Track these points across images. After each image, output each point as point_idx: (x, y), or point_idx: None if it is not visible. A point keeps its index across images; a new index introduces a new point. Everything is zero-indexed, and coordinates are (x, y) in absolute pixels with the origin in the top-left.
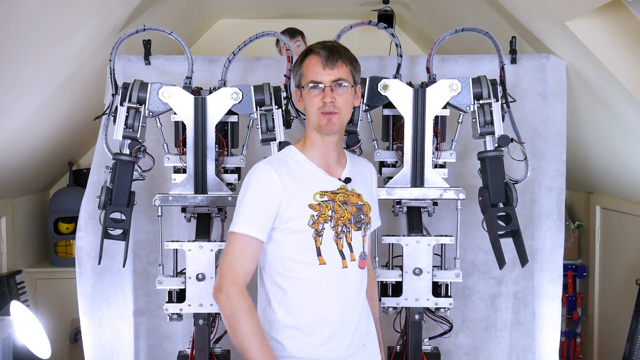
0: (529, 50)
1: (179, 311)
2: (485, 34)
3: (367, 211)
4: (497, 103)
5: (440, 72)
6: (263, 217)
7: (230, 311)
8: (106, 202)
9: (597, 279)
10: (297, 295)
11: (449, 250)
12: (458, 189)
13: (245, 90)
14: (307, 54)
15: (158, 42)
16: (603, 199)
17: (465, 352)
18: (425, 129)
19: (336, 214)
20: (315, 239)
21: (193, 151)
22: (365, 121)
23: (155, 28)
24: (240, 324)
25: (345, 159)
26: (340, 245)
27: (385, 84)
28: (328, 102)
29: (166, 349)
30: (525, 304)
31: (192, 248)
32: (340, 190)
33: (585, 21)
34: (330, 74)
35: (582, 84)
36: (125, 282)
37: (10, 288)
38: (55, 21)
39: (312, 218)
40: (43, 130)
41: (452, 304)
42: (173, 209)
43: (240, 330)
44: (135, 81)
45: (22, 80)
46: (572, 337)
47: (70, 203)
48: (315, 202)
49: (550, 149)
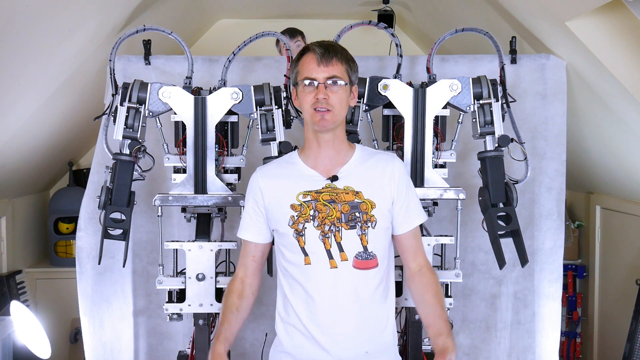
0: (529, 50)
1: (179, 311)
2: (485, 34)
3: (366, 209)
4: (497, 103)
5: (440, 72)
6: (249, 221)
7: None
8: (106, 202)
9: (597, 279)
10: (292, 293)
11: (449, 250)
12: (458, 189)
13: (245, 90)
14: (303, 52)
15: (158, 42)
16: (603, 199)
17: (465, 352)
18: (425, 129)
19: (320, 213)
20: (298, 239)
21: (193, 151)
22: (365, 121)
23: (155, 28)
24: (223, 300)
25: (349, 156)
26: (328, 245)
27: (385, 84)
28: (321, 99)
29: (166, 349)
30: (525, 304)
31: (192, 248)
32: (325, 189)
33: (585, 21)
34: (324, 71)
35: (582, 84)
36: (126, 282)
37: (10, 288)
38: (55, 21)
39: (292, 219)
40: (43, 130)
41: (452, 304)
42: (173, 209)
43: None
44: (135, 81)
45: (22, 80)
46: (572, 337)
47: (70, 203)
48: (297, 202)
49: (550, 149)
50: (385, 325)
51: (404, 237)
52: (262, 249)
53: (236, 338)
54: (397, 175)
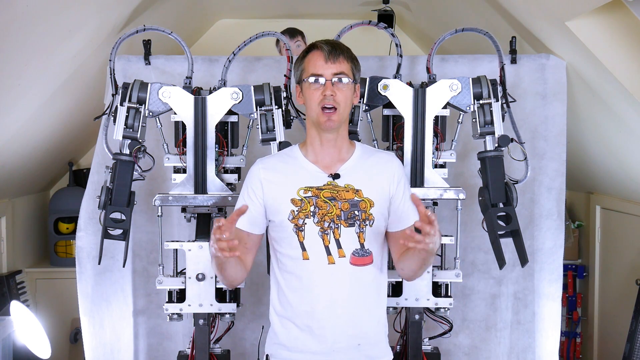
0: (529, 50)
1: (179, 311)
2: (485, 34)
3: (365, 207)
4: (497, 103)
5: (440, 72)
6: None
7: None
8: (106, 202)
9: (597, 279)
10: (288, 287)
11: (449, 250)
12: (458, 189)
13: (245, 90)
14: (309, 49)
15: (158, 42)
16: (603, 199)
17: (465, 352)
18: (425, 129)
19: (320, 209)
20: (297, 233)
21: (193, 151)
22: (365, 121)
23: (155, 28)
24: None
25: (350, 154)
26: (327, 241)
27: (385, 84)
28: (328, 95)
29: (166, 349)
30: (525, 304)
31: (192, 248)
32: (326, 186)
33: (585, 21)
34: (332, 68)
35: (582, 84)
36: (126, 282)
37: (10, 288)
38: (55, 21)
39: (292, 213)
40: (43, 130)
41: (452, 304)
42: (173, 209)
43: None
44: (135, 81)
45: (22, 80)
46: (572, 337)
47: (70, 203)
48: (297, 197)
49: (550, 149)
50: (378, 319)
51: (400, 234)
52: (254, 239)
53: (236, 338)
54: (396, 175)
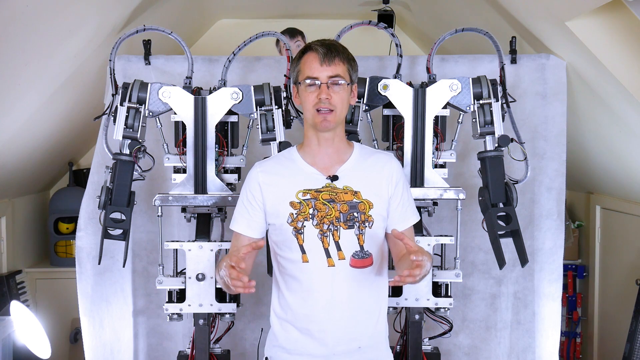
0: (529, 50)
1: (179, 311)
2: (485, 34)
3: (364, 209)
4: (497, 103)
5: (440, 72)
6: (244, 214)
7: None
8: (106, 202)
9: (597, 279)
10: (288, 290)
11: (449, 250)
12: (458, 189)
13: (245, 90)
14: (305, 50)
15: (158, 42)
16: (603, 199)
17: (465, 352)
18: (425, 129)
19: (320, 212)
20: (297, 236)
21: (193, 151)
22: (365, 121)
23: (155, 28)
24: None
25: (348, 155)
26: (326, 244)
27: (385, 84)
28: (323, 99)
29: (166, 349)
30: (525, 304)
31: (192, 248)
32: (325, 188)
33: (585, 21)
34: (327, 71)
35: (582, 84)
36: (125, 282)
37: (10, 288)
38: (55, 21)
39: (292, 216)
40: (43, 130)
41: (452, 304)
42: (173, 209)
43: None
44: (135, 81)
45: (22, 80)
46: (572, 337)
47: (70, 203)
48: (296, 200)
49: (550, 149)
50: (377, 321)
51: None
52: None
53: (236, 338)
54: (395, 176)
